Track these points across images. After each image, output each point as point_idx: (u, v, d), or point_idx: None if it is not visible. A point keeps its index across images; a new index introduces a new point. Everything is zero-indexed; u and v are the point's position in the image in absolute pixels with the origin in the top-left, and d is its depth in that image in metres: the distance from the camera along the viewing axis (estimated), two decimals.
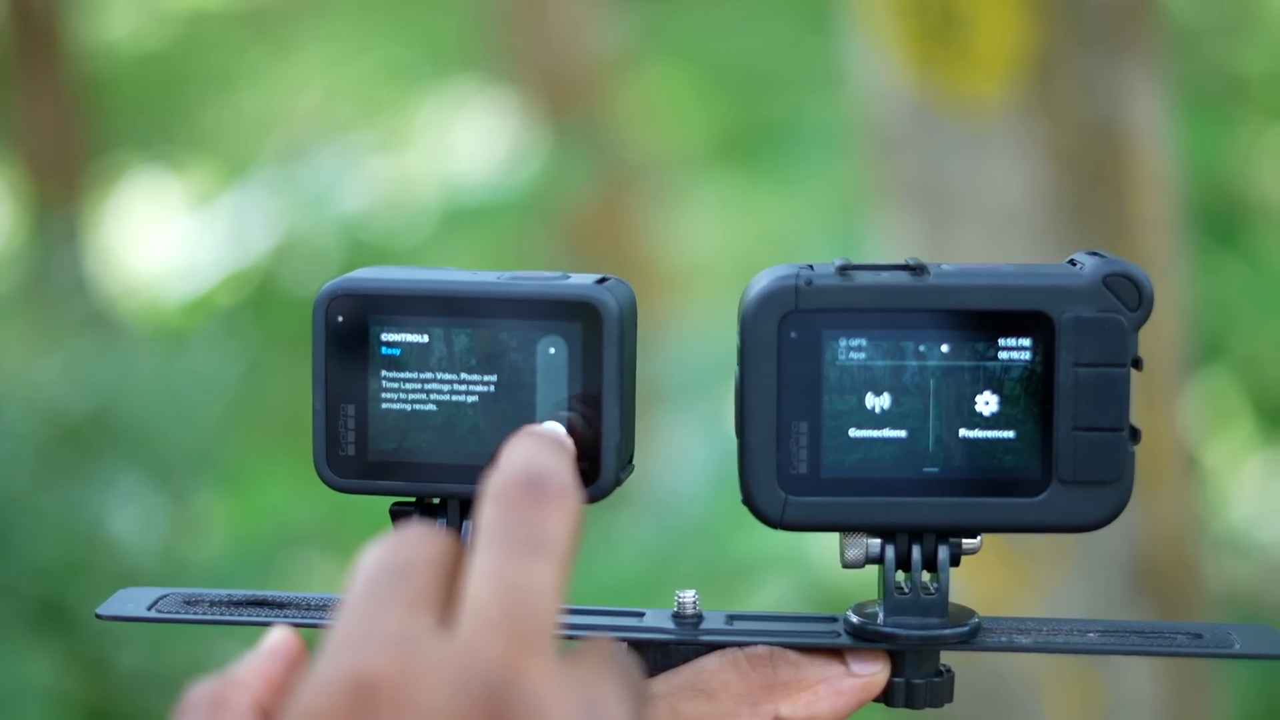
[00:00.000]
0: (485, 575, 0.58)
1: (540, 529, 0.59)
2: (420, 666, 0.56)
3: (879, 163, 2.13)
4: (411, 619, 0.58)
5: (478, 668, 0.56)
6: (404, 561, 0.60)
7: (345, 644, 0.57)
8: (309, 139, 5.64)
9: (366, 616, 0.58)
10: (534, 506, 0.60)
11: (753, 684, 0.75)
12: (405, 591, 0.59)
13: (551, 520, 0.60)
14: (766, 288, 0.75)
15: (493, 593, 0.58)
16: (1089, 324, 0.75)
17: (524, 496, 0.60)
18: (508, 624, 0.57)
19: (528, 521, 0.59)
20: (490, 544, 0.59)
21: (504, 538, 0.59)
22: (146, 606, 0.79)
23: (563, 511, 0.60)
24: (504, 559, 0.59)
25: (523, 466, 0.61)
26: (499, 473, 0.61)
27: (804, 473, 0.76)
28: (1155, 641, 0.78)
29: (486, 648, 0.56)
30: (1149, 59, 2.02)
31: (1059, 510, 0.76)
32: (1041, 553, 2.00)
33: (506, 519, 0.60)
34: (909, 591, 0.76)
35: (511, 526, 0.59)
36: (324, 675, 0.57)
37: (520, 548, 0.59)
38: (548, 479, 0.61)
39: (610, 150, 4.72)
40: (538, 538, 0.59)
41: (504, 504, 0.60)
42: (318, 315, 0.77)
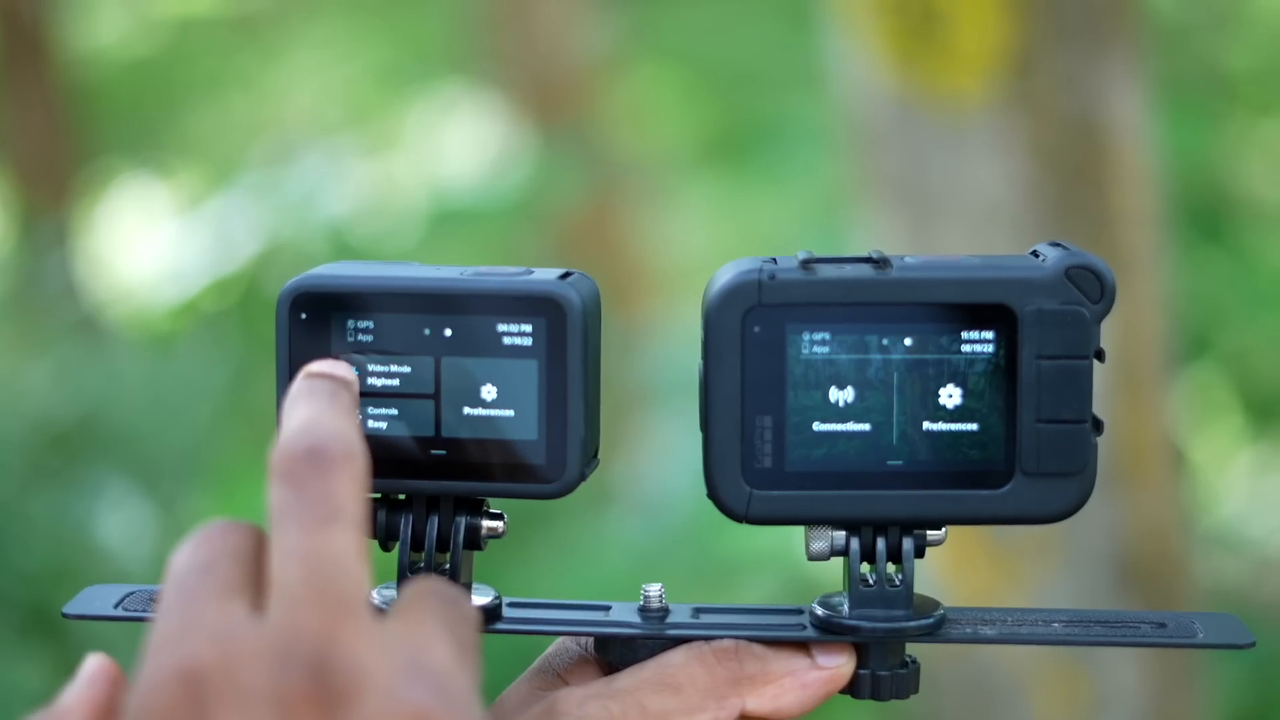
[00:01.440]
0: (285, 553, 0.60)
1: (329, 498, 0.61)
2: (241, 650, 0.58)
3: (861, 160, 2.14)
4: (224, 608, 0.60)
5: (295, 643, 0.58)
6: (208, 556, 0.62)
7: (165, 641, 0.59)
8: (297, 143, 5.65)
9: (182, 612, 0.60)
10: (319, 476, 0.61)
11: (719, 678, 0.75)
12: (213, 583, 0.61)
13: (339, 486, 0.61)
14: (729, 282, 0.76)
15: (295, 569, 0.60)
16: (1051, 316, 0.75)
17: (308, 468, 0.61)
18: (314, 596, 0.59)
19: (315, 493, 0.61)
20: (284, 522, 0.61)
21: (296, 513, 0.61)
22: (113, 605, 0.80)
23: (349, 474, 0.62)
24: (300, 534, 0.60)
25: (302, 435, 0.63)
26: (280, 445, 0.63)
27: (768, 467, 0.76)
28: (1119, 631, 0.78)
29: (299, 622, 0.58)
30: (1130, 54, 2.03)
31: (1023, 502, 0.76)
32: (1027, 548, 2.00)
33: (295, 494, 0.61)
34: (874, 584, 0.77)
35: (301, 501, 0.61)
36: (150, 674, 0.58)
37: (313, 520, 0.60)
38: (327, 446, 0.62)
39: (598, 152, 4.72)
40: (329, 507, 0.61)
41: (290, 479, 0.62)
42: (281, 312, 0.77)
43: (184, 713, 0.57)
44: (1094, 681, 2.02)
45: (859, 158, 2.15)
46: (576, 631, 0.78)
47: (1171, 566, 2.07)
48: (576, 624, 0.78)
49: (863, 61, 2.07)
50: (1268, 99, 4.77)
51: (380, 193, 4.58)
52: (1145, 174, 2.05)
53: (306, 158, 4.80)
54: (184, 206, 5.01)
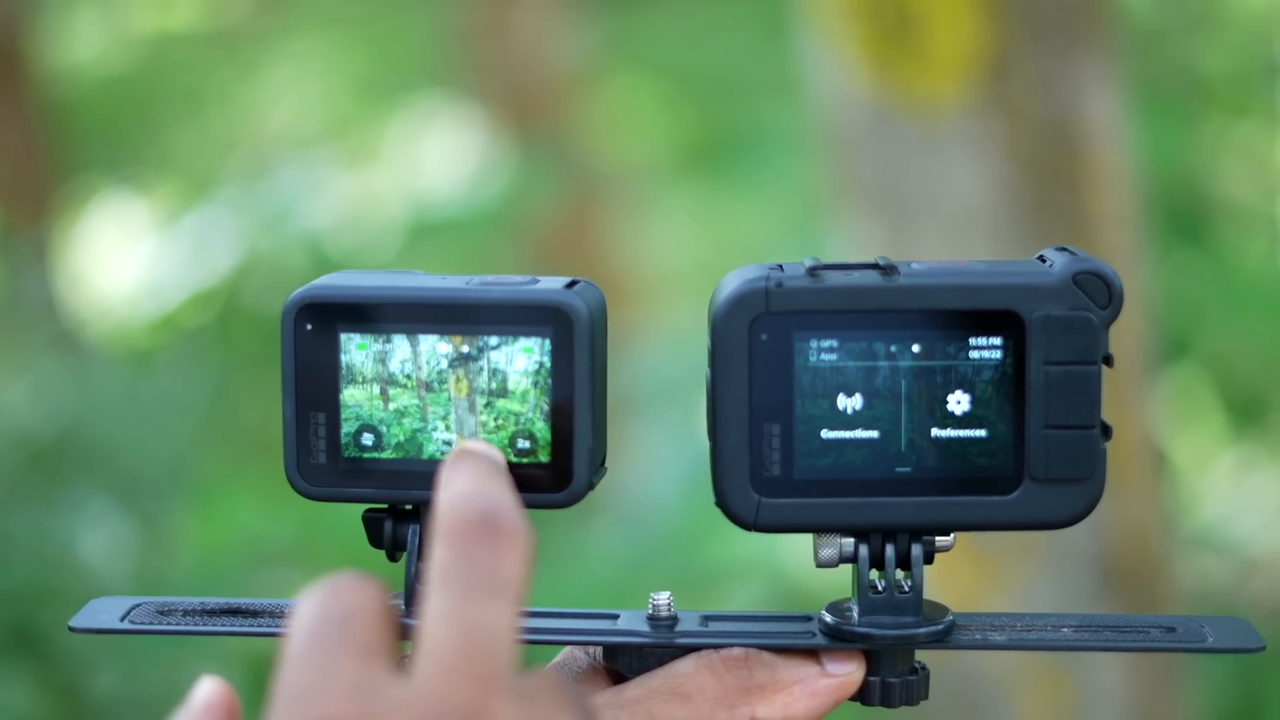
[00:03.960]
0: (442, 617, 0.58)
1: (495, 570, 0.59)
2: (385, 713, 0.56)
3: (838, 166, 2.14)
4: (366, 666, 0.57)
5: (442, 712, 0.56)
6: (345, 609, 0.59)
7: (300, 694, 0.56)
8: (276, 157, 5.64)
9: (318, 666, 0.57)
10: (488, 546, 0.60)
11: (729, 686, 0.75)
12: (353, 639, 0.58)
13: (506, 560, 0.59)
14: (736, 290, 0.75)
15: (451, 635, 0.57)
16: (1059, 322, 0.75)
17: (477, 536, 0.60)
18: (468, 667, 0.57)
19: (482, 562, 0.59)
20: (446, 585, 0.59)
21: (459, 579, 0.59)
22: (119, 617, 0.79)
23: (517, 550, 0.60)
24: (460, 601, 0.58)
25: (473, 503, 0.61)
26: (449, 509, 0.61)
27: (777, 474, 0.76)
28: (1129, 637, 0.78)
29: (449, 691, 0.56)
30: (1105, 57, 2.03)
31: (1031, 508, 0.76)
32: (1011, 551, 2.00)
33: (461, 560, 0.59)
34: (883, 590, 0.76)
35: (466, 567, 0.59)
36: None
37: (476, 589, 0.59)
38: (501, 517, 0.60)
39: (576, 162, 4.73)
40: (493, 579, 0.59)
41: (457, 543, 0.60)
42: (286, 323, 0.77)
43: None
44: (1078, 684, 2.03)
45: (836, 163, 2.15)
46: (585, 641, 0.78)
47: (1154, 568, 2.08)
48: (585, 633, 0.77)
49: (838, 67, 2.07)
50: (1243, 101, 4.78)
51: (359, 205, 4.57)
52: (1122, 176, 2.06)
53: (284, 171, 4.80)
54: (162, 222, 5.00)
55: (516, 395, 0.76)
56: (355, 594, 0.60)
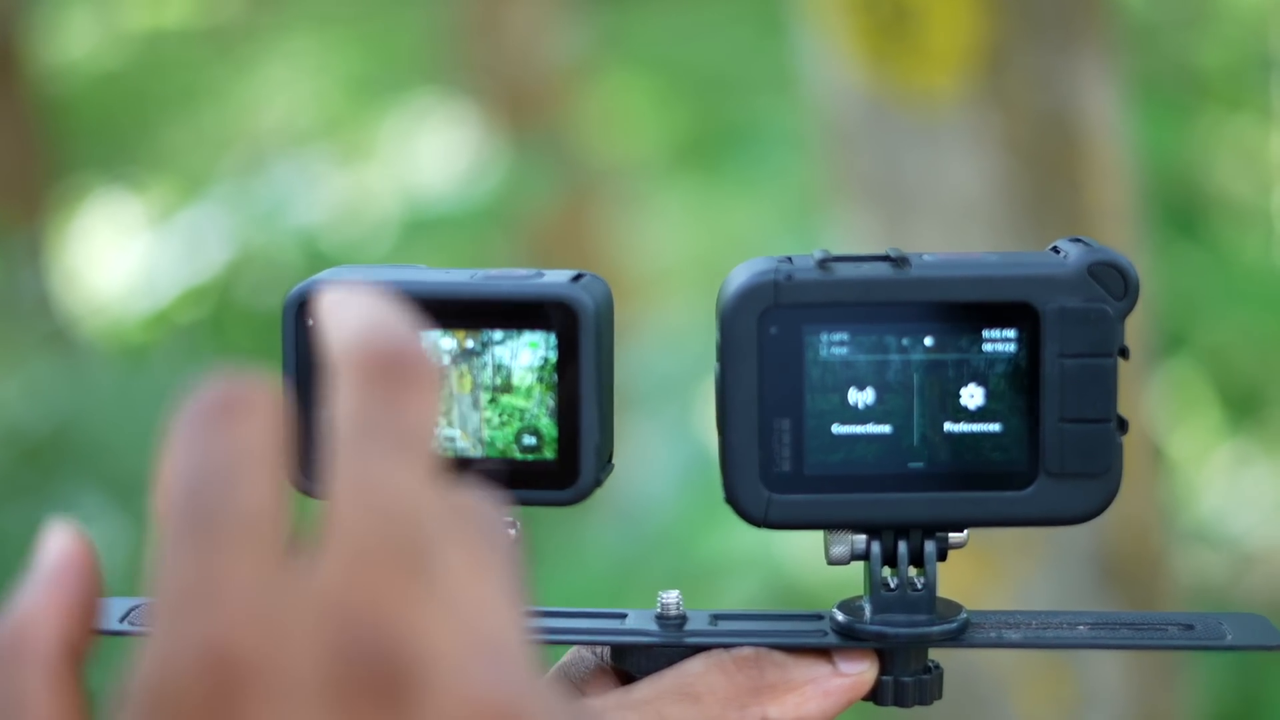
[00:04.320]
0: (356, 485, 0.48)
1: (410, 420, 0.49)
2: (288, 623, 0.45)
3: (835, 160, 2.14)
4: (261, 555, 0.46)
5: (355, 618, 0.46)
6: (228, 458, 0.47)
7: (187, 602, 0.45)
8: (270, 154, 5.64)
9: (205, 559, 0.46)
10: (405, 390, 0.49)
11: (739, 686, 0.74)
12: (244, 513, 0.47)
13: (422, 409, 0.49)
14: (745, 283, 0.74)
15: (359, 507, 0.47)
16: (1074, 314, 0.73)
17: (395, 377, 0.49)
18: (384, 553, 0.47)
19: (399, 410, 0.49)
20: (358, 440, 0.48)
21: (374, 432, 0.48)
22: (118, 619, 0.76)
23: (433, 397, 0.50)
24: (376, 463, 0.48)
25: (384, 333, 0.51)
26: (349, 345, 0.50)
27: (787, 470, 0.74)
28: (1147, 635, 0.76)
29: (363, 587, 0.46)
30: (1102, 50, 2.03)
31: (1047, 503, 0.74)
32: (1009, 547, 2.00)
33: (375, 405, 0.49)
34: (896, 588, 0.75)
35: (382, 417, 0.49)
36: (170, 647, 0.45)
37: (394, 447, 0.48)
38: (414, 354, 0.50)
39: (572, 158, 4.73)
40: (409, 432, 0.49)
41: (369, 383, 0.49)
42: (287, 319, 0.75)
43: (213, 708, 0.44)
44: (1077, 680, 2.03)
45: (833, 158, 2.15)
46: (594, 641, 0.76)
47: (1152, 564, 2.08)
48: (593, 633, 0.76)
49: (834, 61, 2.07)
50: (1238, 95, 4.79)
51: (353, 201, 4.57)
52: (1120, 169, 2.06)
53: (278, 167, 4.80)
54: (156, 219, 5.00)
55: (521, 391, 0.75)
56: (241, 424, 0.48)
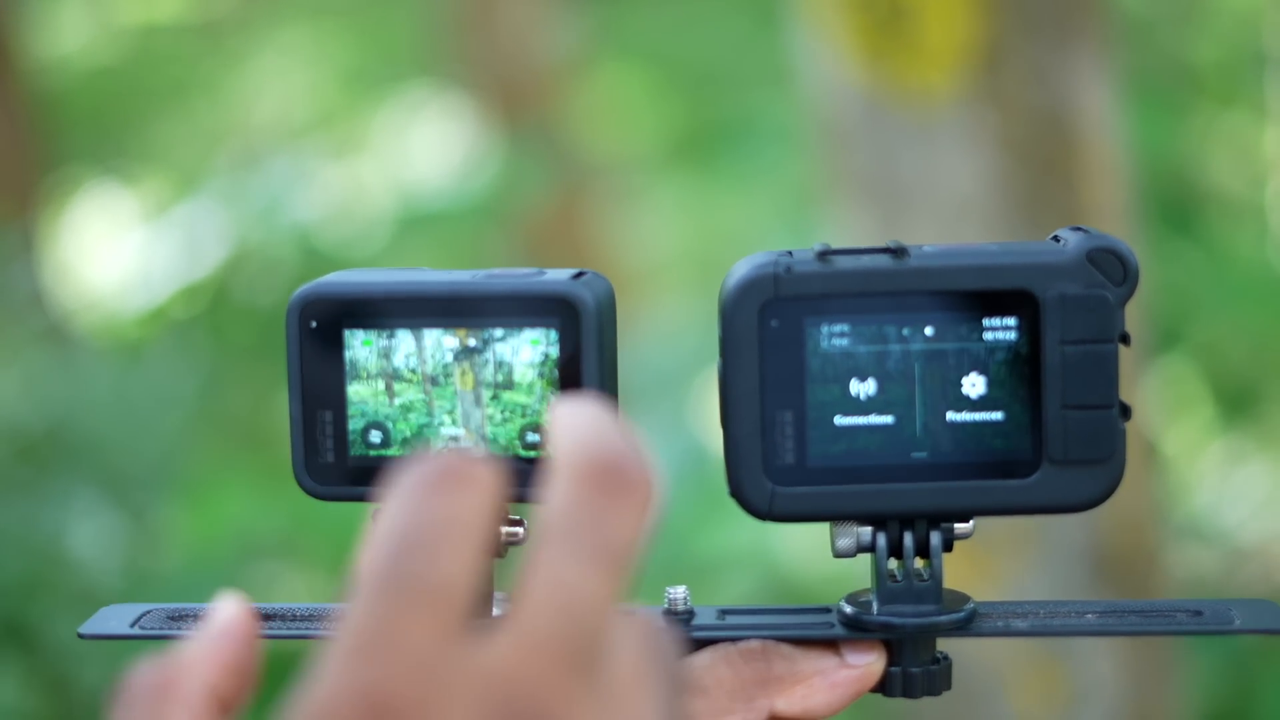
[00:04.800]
0: (547, 580, 0.50)
1: (622, 535, 0.51)
2: (448, 688, 0.48)
3: (831, 157, 2.14)
4: (440, 620, 0.49)
5: (516, 699, 0.48)
6: (436, 524, 0.50)
7: (359, 650, 0.49)
8: (263, 149, 5.64)
9: (385, 614, 0.49)
10: (623, 503, 0.51)
11: (746, 679, 0.74)
12: (434, 577, 0.49)
13: (627, 520, 0.51)
14: (745, 276, 0.74)
15: (548, 602, 0.49)
16: (1075, 301, 0.74)
17: (616, 487, 0.51)
18: (559, 645, 0.49)
19: (613, 522, 0.51)
20: (564, 539, 0.50)
21: (583, 536, 0.50)
22: (129, 624, 0.77)
23: (640, 510, 0.51)
24: (576, 560, 0.50)
25: (604, 449, 0.52)
26: (575, 449, 0.52)
27: (791, 463, 0.74)
28: (1156, 621, 0.76)
29: (528, 673, 0.49)
30: (1097, 48, 2.03)
31: (1051, 491, 0.74)
32: (1003, 542, 2.01)
33: (590, 508, 0.51)
34: (902, 579, 0.75)
35: (593, 520, 0.51)
36: (334, 688, 0.48)
37: (597, 551, 0.50)
38: (630, 470, 0.51)
39: (566, 153, 4.73)
40: (617, 545, 0.50)
41: (590, 486, 0.51)
42: (291, 321, 0.76)
43: None
44: (1071, 675, 2.03)
45: (828, 154, 2.15)
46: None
47: (1146, 559, 2.08)
48: None
49: (830, 58, 2.07)
50: (1232, 91, 4.79)
51: (347, 197, 4.57)
52: (1114, 166, 2.06)
53: (273, 163, 4.79)
54: (150, 213, 5.00)
55: (523, 387, 0.75)
56: (455, 495, 0.50)
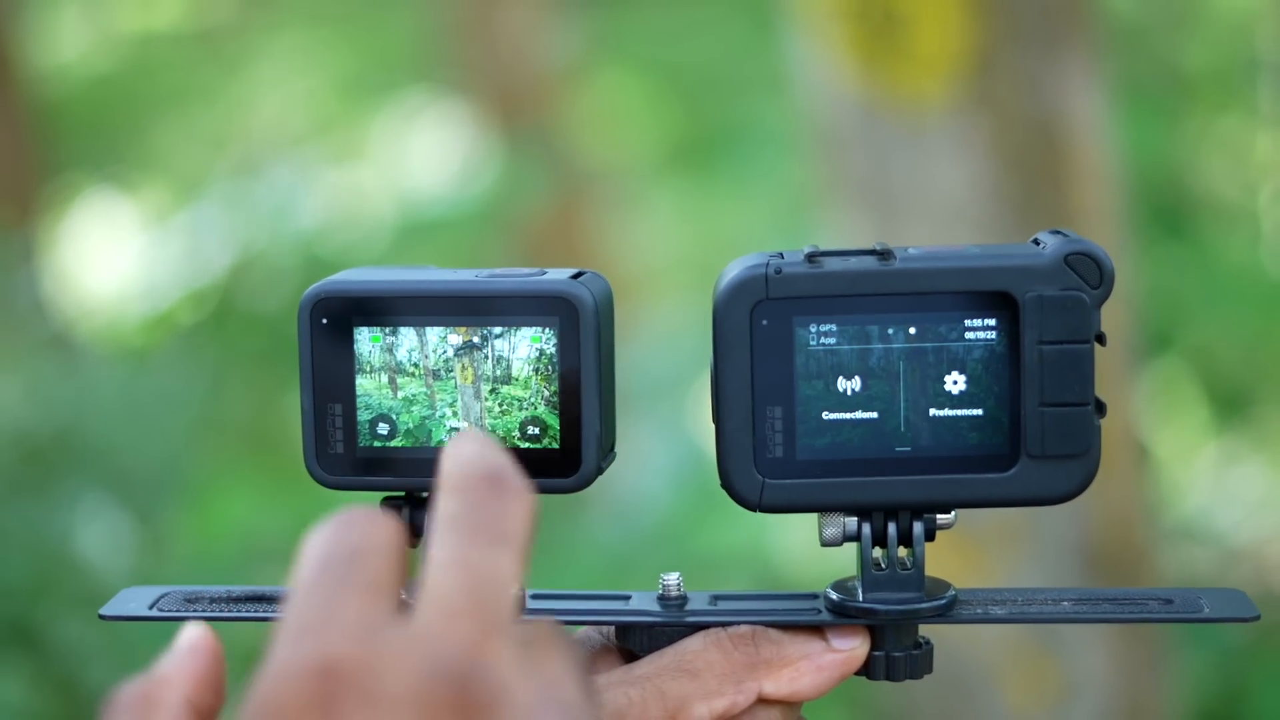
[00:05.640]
0: (446, 562, 0.58)
1: (501, 520, 0.60)
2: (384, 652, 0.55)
3: (826, 163, 2.15)
4: (370, 604, 0.57)
5: (442, 653, 0.56)
6: (353, 545, 0.59)
7: (303, 629, 0.57)
8: (263, 155, 5.64)
9: (323, 602, 0.57)
10: (494, 499, 0.60)
11: (736, 663, 0.77)
12: (360, 575, 0.58)
13: (511, 513, 0.60)
14: (737, 277, 0.77)
15: (455, 579, 0.58)
16: (1052, 302, 0.76)
17: (484, 489, 0.60)
18: (470, 610, 0.57)
19: (488, 512, 0.60)
20: (451, 532, 0.59)
21: (465, 526, 0.59)
22: (148, 606, 0.82)
23: (521, 506, 0.61)
24: (466, 547, 0.59)
25: (480, 461, 0.62)
26: (455, 465, 0.61)
27: (780, 456, 0.78)
28: (1128, 609, 0.79)
29: (450, 633, 0.56)
30: (1087, 54, 2.05)
31: (1029, 484, 0.77)
32: (994, 539, 2.02)
33: (468, 509, 0.60)
34: (886, 567, 0.78)
35: (472, 516, 0.60)
36: (283, 662, 0.56)
37: (481, 537, 0.59)
38: (506, 475, 0.61)
39: (564, 158, 4.73)
40: (499, 528, 0.59)
41: (464, 494, 0.60)
42: (303, 318, 0.79)
43: (315, 709, 0.54)
44: (1063, 669, 2.04)
45: (824, 160, 2.17)
46: (599, 621, 0.80)
47: (1137, 558, 2.09)
48: (598, 613, 0.80)
49: (826, 66, 2.08)
50: (1225, 97, 4.80)
51: (349, 203, 4.58)
52: (1104, 170, 2.07)
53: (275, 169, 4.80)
54: (150, 220, 5.01)
55: (520, 382, 0.79)
56: (366, 529, 0.60)
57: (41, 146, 5.33)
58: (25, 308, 4.32)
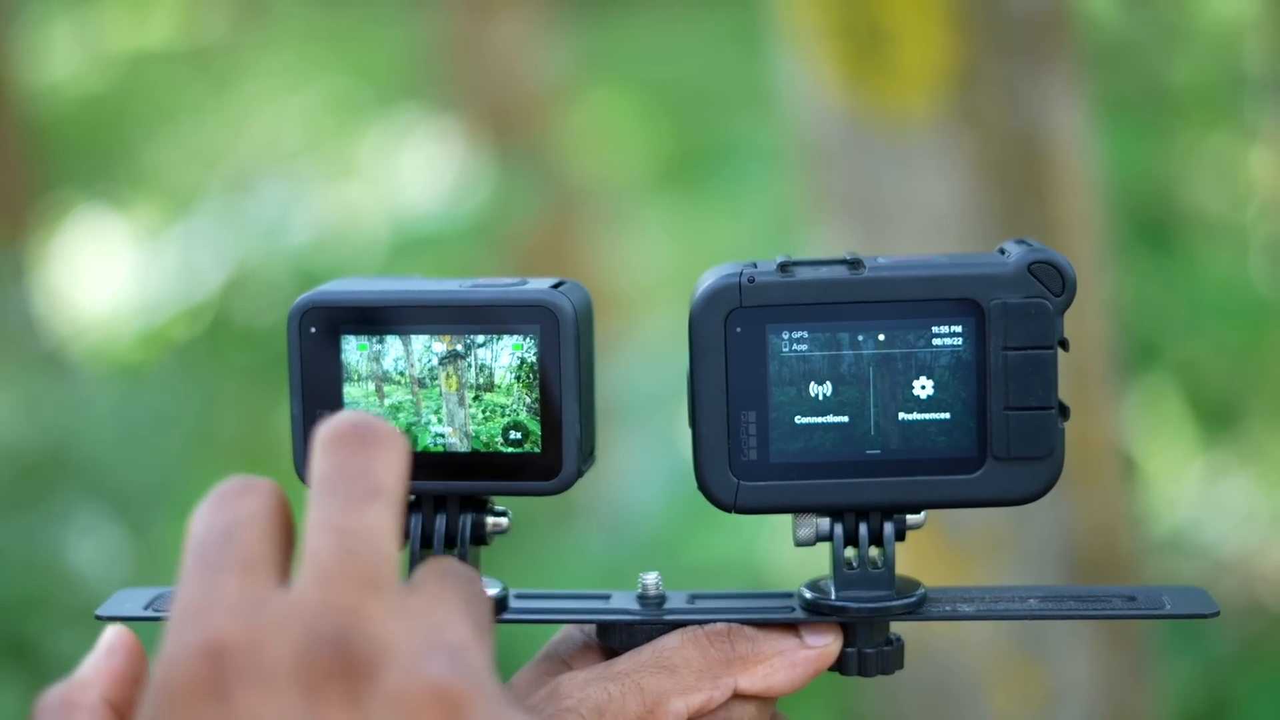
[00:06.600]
0: (320, 525, 0.60)
1: (370, 474, 0.61)
2: (265, 626, 0.58)
3: (813, 178, 2.17)
4: (248, 579, 0.59)
5: (321, 618, 0.58)
6: (229, 521, 0.61)
7: (187, 614, 0.59)
8: (255, 172, 5.65)
9: (204, 584, 0.60)
10: (362, 451, 0.62)
11: (712, 659, 0.79)
12: (235, 552, 0.60)
13: (380, 463, 0.62)
14: (712, 286, 0.80)
15: (329, 542, 0.59)
16: (1016, 309, 0.79)
17: (352, 442, 0.62)
18: (344, 572, 0.59)
19: (358, 467, 0.61)
20: (323, 493, 0.61)
21: (337, 486, 0.61)
22: (143, 606, 0.83)
23: (391, 453, 0.62)
24: (337, 508, 0.60)
25: (345, 417, 0.63)
26: (324, 427, 0.63)
27: (754, 459, 0.80)
28: (1092, 606, 0.81)
29: (326, 597, 0.58)
30: (1070, 71, 2.07)
31: (995, 485, 0.80)
32: (979, 547, 2.03)
33: (337, 466, 0.61)
34: (858, 566, 0.81)
35: (342, 473, 0.61)
36: (173, 648, 0.58)
37: (353, 495, 0.61)
38: (374, 424, 0.62)
39: (555, 175, 4.75)
40: (369, 483, 0.61)
41: (333, 451, 0.62)
42: (292, 327, 0.81)
43: (206, 689, 0.57)
44: (1048, 677, 2.06)
45: (811, 175, 2.18)
46: (579, 619, 0.82)
47: (1122, 567, 2.10)
48: (579, 612, 0.82)
49: (812, 83, 2.10)
50: (1213, 113, 4.82)
51: (341, 220, 4.59)
52: (1086, 186, 2.09)
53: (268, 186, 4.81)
54: (143, 237, 5.02)
55: (503, 389, 0.81)
56: (240, 502, 0.62)
57: (34, 164, 5.34)
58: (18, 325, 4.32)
